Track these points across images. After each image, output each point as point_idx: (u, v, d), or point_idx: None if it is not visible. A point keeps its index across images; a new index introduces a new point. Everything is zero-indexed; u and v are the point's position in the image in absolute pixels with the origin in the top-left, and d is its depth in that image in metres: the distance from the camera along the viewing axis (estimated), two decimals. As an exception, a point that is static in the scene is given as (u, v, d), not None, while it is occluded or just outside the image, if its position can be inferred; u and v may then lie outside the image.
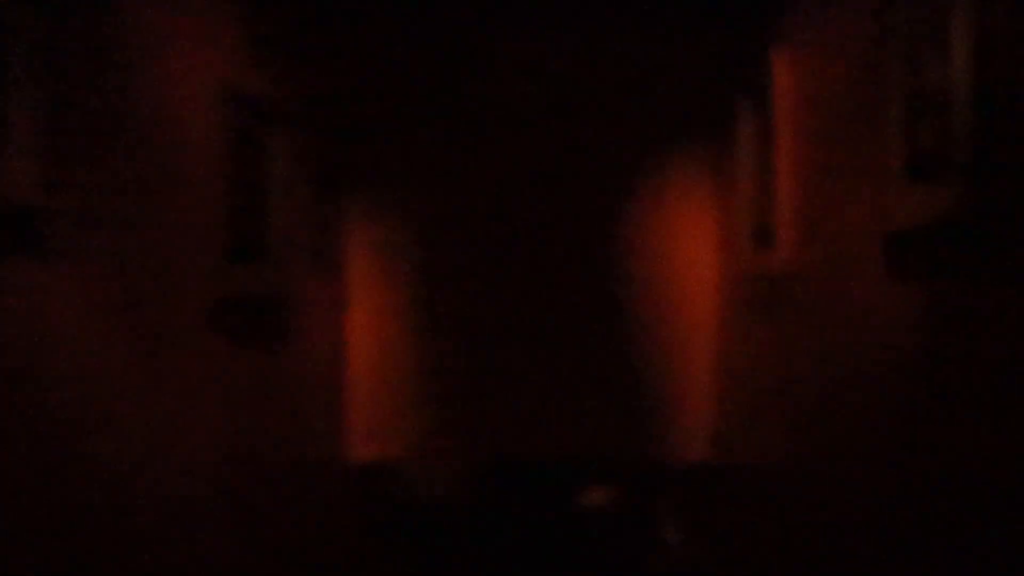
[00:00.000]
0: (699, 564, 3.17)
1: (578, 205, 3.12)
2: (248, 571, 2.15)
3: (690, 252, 3.09)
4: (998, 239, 1.12)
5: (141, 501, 1.66)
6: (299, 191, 2.63)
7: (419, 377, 3.10)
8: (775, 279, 2.23)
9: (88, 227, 1.49)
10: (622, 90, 3.10)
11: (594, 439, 3.12)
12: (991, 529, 1.19)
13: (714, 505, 3.03)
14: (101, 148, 1.55)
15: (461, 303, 3.11)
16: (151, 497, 1.69)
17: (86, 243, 1.48)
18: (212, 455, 2.00)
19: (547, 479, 3.53)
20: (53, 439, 1.38)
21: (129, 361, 1.63)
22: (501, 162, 3.12)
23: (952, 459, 1.29)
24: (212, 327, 2.00)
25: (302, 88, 2.68)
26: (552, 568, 3.41)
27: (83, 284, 1.48)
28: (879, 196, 1.53)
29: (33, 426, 1.33)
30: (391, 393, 3.10)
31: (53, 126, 1.36)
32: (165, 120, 1.78)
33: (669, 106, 3.09)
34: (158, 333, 1.75)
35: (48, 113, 1.34)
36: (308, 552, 2.65)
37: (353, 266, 3.12)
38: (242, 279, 2.18)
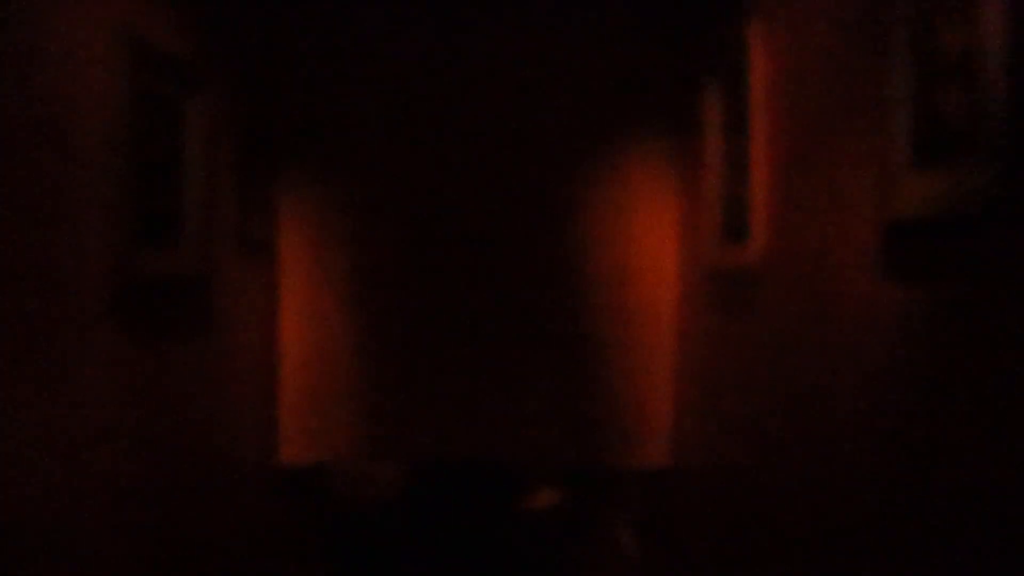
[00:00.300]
0: (652, 569, 3.01)
1: (530, 194, 2.88)
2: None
3: (649, 245, 2.88)
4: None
5: (22, 517, 1.40)
6: (223, 164, 2.37)
7: (357, 372, 2.85)
8: (747, 274, 2.04)
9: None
10: (577, 71, 2.87)
11: (542, 443, 2.91)
12: (986, 546, 1.00)
13: (670, 511, 2.86)
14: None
15: (403, 293, 2.87)
16: (34, 513, 1.44)
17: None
18: (113, 460, 1.74)
19: (491, 482, 3.35)
20: None
21: (8, 358, 1.37)
22: (450, 141, 2.88)
23: (942, 476, 1.10)
24: (112, 319, 1.74)
25: (226, 43, 2.41)
26: (495, 573, 3.23)
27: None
28: (879, 184, 1.33)
29: None
30: (326, 390, 2.85)
31: None
32: (46, 73, 1.51)
33: (628, 88, 2.86)
34: (40, 327, 1.49)
35: None
36: (235, 560, 2.39)
37: (286, 249, 2.86)
38: (152, 263, 1.92)
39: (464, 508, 3.35)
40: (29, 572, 1.44)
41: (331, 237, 2.86)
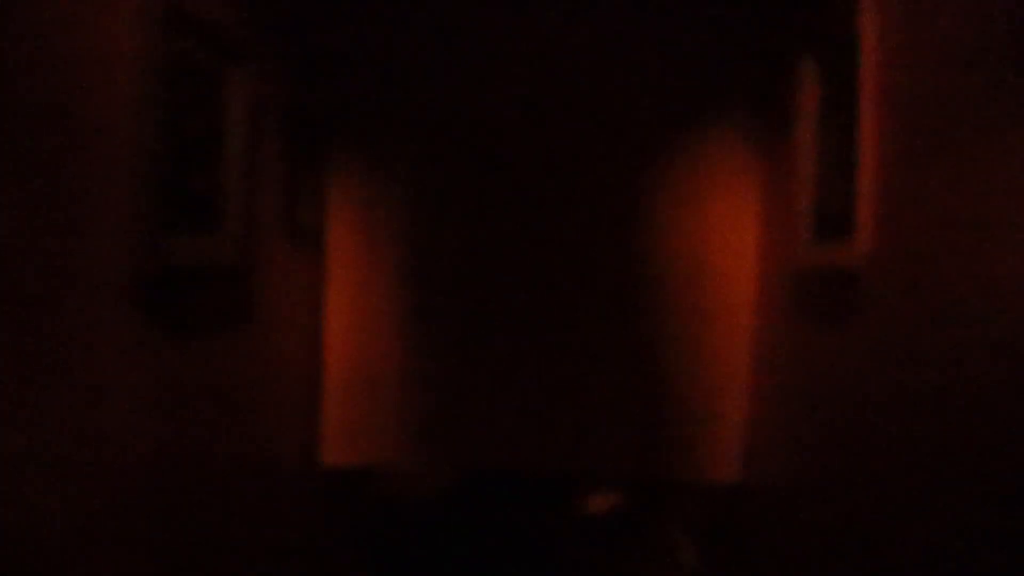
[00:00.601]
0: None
1: (597, 185, 2.63)
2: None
3: (726, 242, 2.62)
4: None
5: (37, 522, 1.23)
6: (268, 143, 2.19)
7: (406, 373, 2.65)
8: (849, 276, 1.79)
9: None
10: (652, 51, 2.61)
11: (603, 454, 2.68)
12: None
13: (737, 527, 2.62)
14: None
15: (459, 290, 2.65)
16: (54, 518, 1.27)
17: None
18: (143, 462, 1.57)
19: (545, 483, 3.16)
20: None
21: (14, 358, 1.20)
22: (517, 127, 2.64)
23: None
24: (139, 310, 1.56)
25: (275, 9, 2.22)
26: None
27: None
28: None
29: None
30: (373, 390, 2.65)
31: None
32: (70, 36, 1.34)
33: (707, 69, 2.60)
34: (61, 320, 1.31)
35: None
36: (274, 565, 2.22)
37: (335, 239, 2.67)
38: (187, 250, 1.74)
39: (517, 509, 3.18)
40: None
41: (384, 228, 2.65)
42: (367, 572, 2.99)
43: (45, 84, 1.28)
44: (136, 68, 1.51)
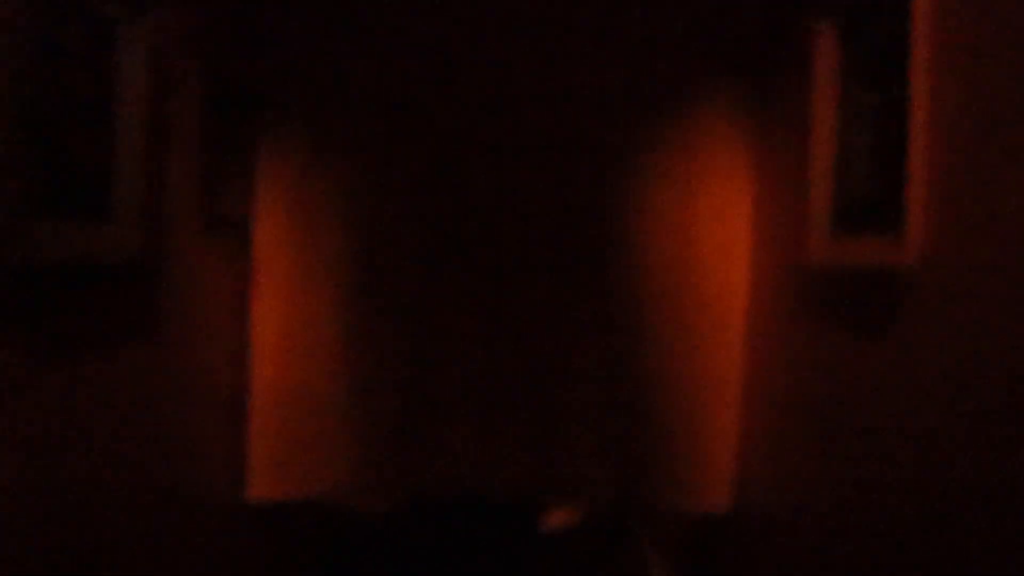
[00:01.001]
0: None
1: (568, 175, 2.31)
2: None
3: (717, 236, 2.31)
4: None
5: None
6: (181, 116, 1.80)
7: (347, 391, 2.28)
8: (895, 276, 1.48)
9: None
10: (629, 14, 2.28)
11: (575, 481, 2.37)
12: None
13: (726, 563, 2.34)
14: None
15: (409, 292, 2.29)
16: None
17: None
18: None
19: (502, 507, 2.89)
20: None
21: None
22: (476, 105, 2.30)
23: None
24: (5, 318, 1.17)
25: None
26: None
27: None
28: None
29: None
30: (309, 411, 2.27)
31: None
32: None
33: (696, 37, 2.28)
34: None
35: None
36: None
37: (263, 231, 2.27)
38: (62, 241, 1.35)
39: (472, 531, 2.89)
40: None
41: (324, 222, 2.28)
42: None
43: None
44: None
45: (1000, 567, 1.18)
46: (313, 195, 2.26)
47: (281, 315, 2.24)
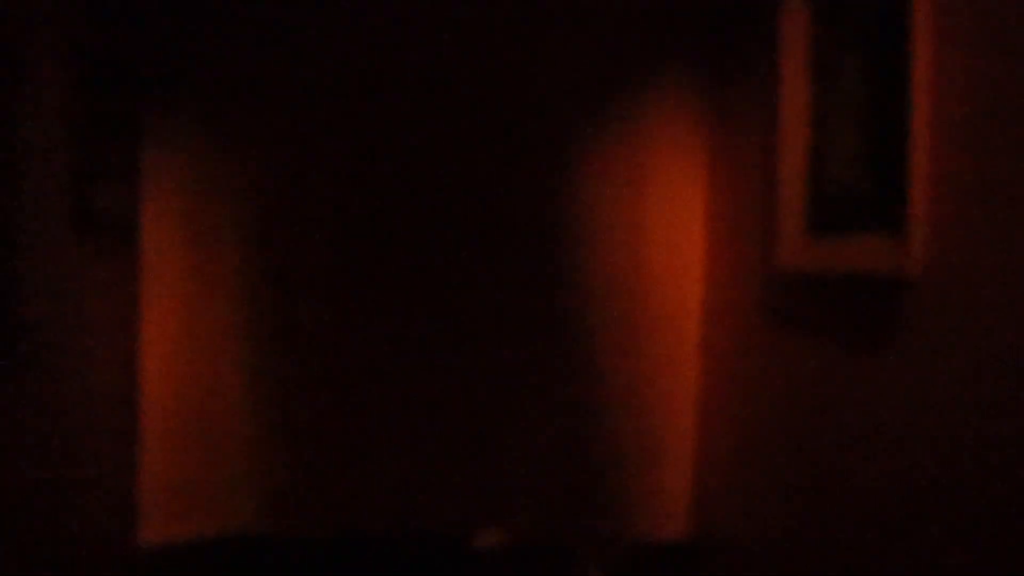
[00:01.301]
0: None
1: (501, 170, 2.12)
2: None
3: (668, 239, 2.14)
4: None
5: None
6: (44, 92, 1.53)
7: (252, 417, 2.04)
8: (892, 284, 1.31)
9: None
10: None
11: (515, 514, 2.19)
12: None
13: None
14: None
15: (324, 302, 2.07)
16: None
17: None
18: None
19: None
20: None
21: None
22: (398, 92, 2.08)
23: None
24: None
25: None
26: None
27: None
28: None
29: None
30: (207, 441, 2.02)
31: None
32: None
33: (644, 24, 2.10)
34: None
35: None
36: None
37: (152, 231, 1.99)
38: None
39: (399, 544, 2.74)
40: None
41: (222, 221, 2.04)
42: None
43: None
44: None
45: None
46: (210, 193, 2.02)
47: (175, 331, 1.99)
